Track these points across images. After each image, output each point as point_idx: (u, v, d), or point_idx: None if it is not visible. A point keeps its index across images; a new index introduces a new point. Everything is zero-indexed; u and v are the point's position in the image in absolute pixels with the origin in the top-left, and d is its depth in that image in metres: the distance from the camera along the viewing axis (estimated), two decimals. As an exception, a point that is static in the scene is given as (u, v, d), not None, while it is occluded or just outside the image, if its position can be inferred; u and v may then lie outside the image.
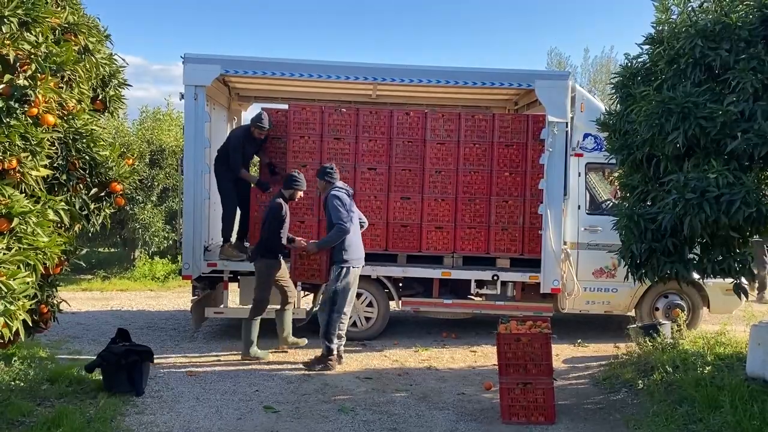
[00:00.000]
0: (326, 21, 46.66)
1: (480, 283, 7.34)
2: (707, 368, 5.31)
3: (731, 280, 4.79)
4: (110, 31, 4.78)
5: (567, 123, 7.12)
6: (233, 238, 7.50)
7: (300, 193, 6.61)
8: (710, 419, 4.47)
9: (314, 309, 7.45)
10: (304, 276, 6.53)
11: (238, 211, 7.50)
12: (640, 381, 5.47)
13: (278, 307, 6.71)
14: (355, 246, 6.29)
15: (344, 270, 6.18)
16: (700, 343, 6.20)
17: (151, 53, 52.91)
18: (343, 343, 6.46)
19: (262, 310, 6.52)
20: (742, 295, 4.89)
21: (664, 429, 4.52)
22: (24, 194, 3.66)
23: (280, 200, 6.42)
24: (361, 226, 6.48)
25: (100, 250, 13.62)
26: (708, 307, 7.55)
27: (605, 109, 6.04)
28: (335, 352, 6.27)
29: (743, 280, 4.78)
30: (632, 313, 7.71)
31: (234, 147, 7.16)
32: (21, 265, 3.44)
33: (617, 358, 6.49)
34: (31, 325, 3.95)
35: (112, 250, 13.68)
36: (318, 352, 6.62)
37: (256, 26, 48.14)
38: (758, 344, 4.92)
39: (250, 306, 6.62)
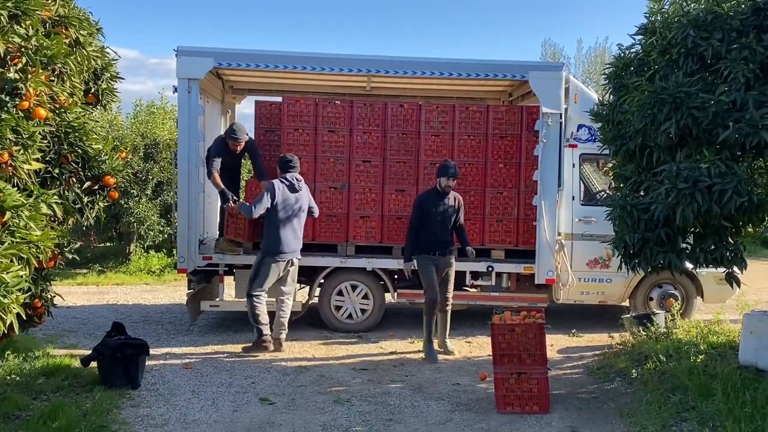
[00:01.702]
0: (321, 15, 46.49)
1: (475, 275, 7.36)
2: (700, 357, 5.34)
3: (724, 269, 4.82)
4: (105, 24, 4.76)
5: (561, 114, 7.12)
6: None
7: (448, 180, 6.37)
8: (703, 407, 4.51)
9: (310, 302, 7.48)
10: (232, 233, 7.06)
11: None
12: (634, 370, 5.51)
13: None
14: (276, 239, 6.37)
15: (261, 258, 6.43)
16: (694, 333, 6.23)
17: (147, 47, 52.75)
18: (284, 332, 6.56)
19: (433, 308, 6.48)
20: (735, 284, 4.92)
21: (657, 417, 4.56)
22: (16, 188, 3.65)
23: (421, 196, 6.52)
24: (310, 213, 6.65)
25: (97, 245, 13.57)
26: (701, 297, 7.60)
27: (598, 99, 6.04)
28: (265, 333, 6.40)
29: (735, 269, 4.81)
30: (626, 303, 7.74)
31: (212, 154, 7.11)
32: (14, 259, 3.43)
33: (611, 347, 6.53)
34: (25, 319, 3.95)
35: (108, 244, 13.66)
36: (316, 344, 6.67)
37: (251, 19, 47.94)
38: (750, 333, 4.95)
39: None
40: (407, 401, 5.19)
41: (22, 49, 3.70)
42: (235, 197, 6.94)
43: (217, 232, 7.63)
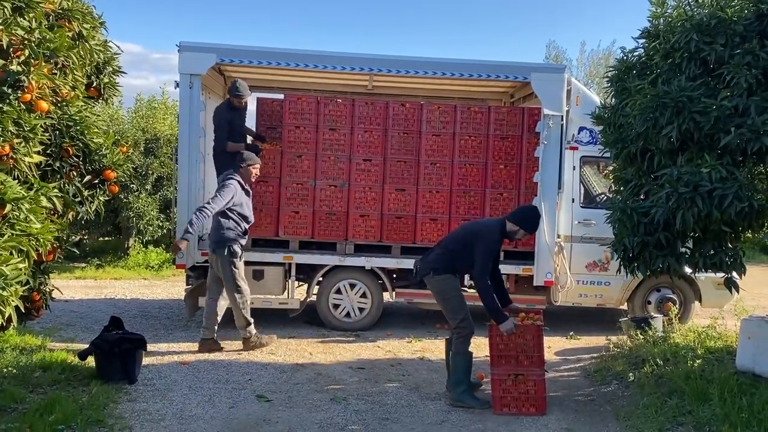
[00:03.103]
0: (324, 12, 46.47)
1: (473, 276, 7.34)
2: (697, 361, 5.34)
3: (723, 274, 4.82)
4: (109, 18, 4.80)
5: (562, 116, 7.12)
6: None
7: (526, 235, 5.32)
8: (699, 412, 4.51)
9: (308, 300, 7.48)
10: None
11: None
12: (631, 373, 5.51)
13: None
14: None
15: None
16: (691, 337, 6.24)
17: (151, 41, 52.69)
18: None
19: (470, 335, 5.17)
20: (734, 290, 4.92)
21: (654, 421, 4.56)
22: (17, 180, 3.65)
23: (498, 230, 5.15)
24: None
25: (96, 240, 13.56)
26: (699, 302, 7.60)
27: (600, 102, 6.04)
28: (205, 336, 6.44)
29: (734, 274, 4.80)
30: (624, 307, 7.75)
31: (219, 123, 7.08)
32: (13, 251, 3.44)
33: (609, 350, 6.53)
34: (23, 312, 3.95)
35: (108, 238, 13.66)
36: (314, 342, 6.66)
37: (255, 16, 47.91)
38: (748, 338, 4.95)
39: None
40: (404, 401, 5.19)
41: (25, 42, 3.70)
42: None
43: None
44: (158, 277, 11.11)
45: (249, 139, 7.54)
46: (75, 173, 4.39)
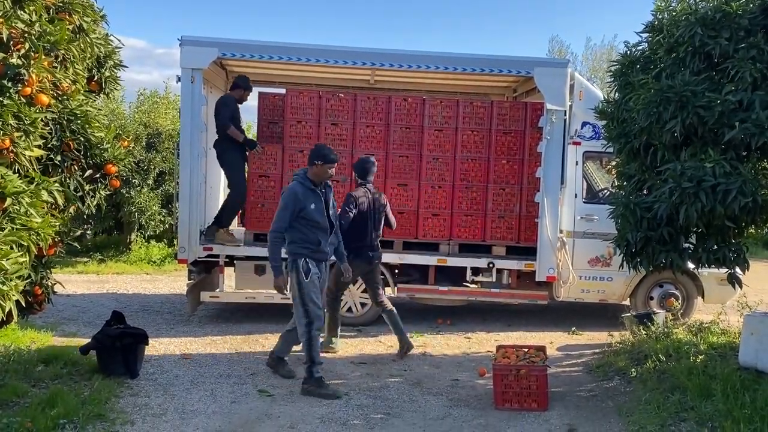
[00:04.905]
0: (327, 7, 46.36)
1: (476, 271, 7.34)
2: (700, 357, 5.33)
3: (726, 270, 4.80)
4: (113, 13, 4.81)
5: (565, 111, 7.09)
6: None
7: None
8: (702, 407, 4.49)
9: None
10: None
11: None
12: (633, 369, 5.49)
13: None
14: None
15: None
16: (694, 333, 6.21)
17: (155, 36, 52.68)
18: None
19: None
20: (737, 285, 4.90)
21: (656, 417, 4.54)
22: (18, 174, 3.65)
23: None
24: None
25: (97, 236, 13.57)
26: (702, 297, 7.58)
27: (604, 97, 6.01)
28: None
29: (737, 270, 4.79)
30: (627, 302, 7.73)
31: (225, 106, 7.15)
32: (14, 246, 3.43)
33: (611, 346, 6.51)
34: (24, 306, 3.94)
35: (115, 234, 13.67)
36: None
37: (259, 11, 47.81)
38: (751, 334, 4.93)
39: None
40: (405, 396, 5.19)
41: (25, 35, 3.69)
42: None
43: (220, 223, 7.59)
44: (160, 272, 11.11)
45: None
46: (76, 167, 4.39)
